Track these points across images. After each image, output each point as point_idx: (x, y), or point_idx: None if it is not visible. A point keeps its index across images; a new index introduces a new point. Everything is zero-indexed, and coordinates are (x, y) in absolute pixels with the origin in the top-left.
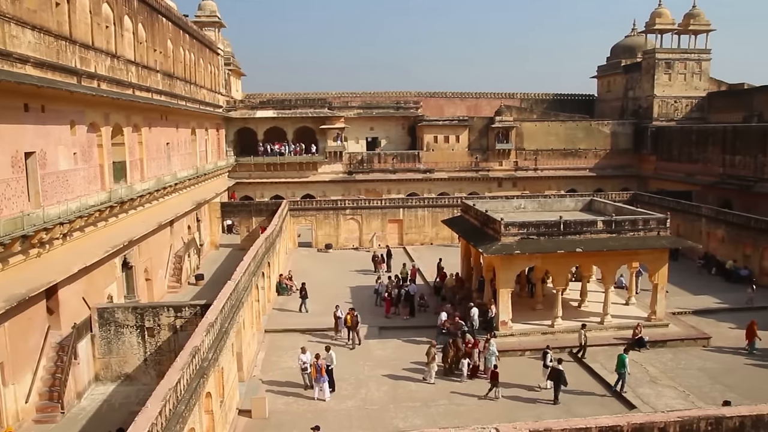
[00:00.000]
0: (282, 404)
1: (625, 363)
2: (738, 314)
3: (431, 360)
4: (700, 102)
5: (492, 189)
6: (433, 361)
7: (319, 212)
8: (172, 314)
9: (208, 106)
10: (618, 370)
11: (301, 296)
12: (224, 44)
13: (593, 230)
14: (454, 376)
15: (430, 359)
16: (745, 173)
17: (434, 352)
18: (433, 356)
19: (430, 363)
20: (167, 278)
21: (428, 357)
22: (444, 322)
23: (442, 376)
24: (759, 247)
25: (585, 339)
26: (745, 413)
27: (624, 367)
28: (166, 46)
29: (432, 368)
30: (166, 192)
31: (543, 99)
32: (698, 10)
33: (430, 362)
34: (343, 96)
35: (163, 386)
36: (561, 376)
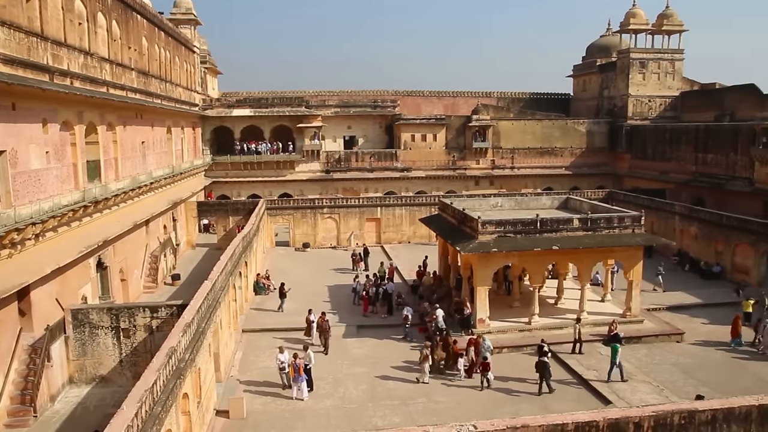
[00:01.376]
0: (260, 404)
1: (617, 352)
2: (710, 310)
3: (424, 360)
4: (673, 101)
5: (469, 187)
6: (426, 360)
7: (297, 211)
8: (148, 315)
9: (184, 105)
10: (612, 360)
11: (281, 295)
12: (200, 42)
13: (569, 228)
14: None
15: (422, 358)
16: (717, 171)
17: (427, 352)
18: (426, 356)
19: (423, 363)
20: (143, 278)
21: (421, 356)
22: (408, 318)
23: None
24: (730, 243)
25: (579, 334)
26: (717, 407)
27: (616, 357)
28: (141, 44)
29: (425, 368)
30: (142, 191)
31: (520, 98)
32: (671, 10)
33: (423, 362)
34: (320, 94)
35: (139, 388)
36: (547, 368)
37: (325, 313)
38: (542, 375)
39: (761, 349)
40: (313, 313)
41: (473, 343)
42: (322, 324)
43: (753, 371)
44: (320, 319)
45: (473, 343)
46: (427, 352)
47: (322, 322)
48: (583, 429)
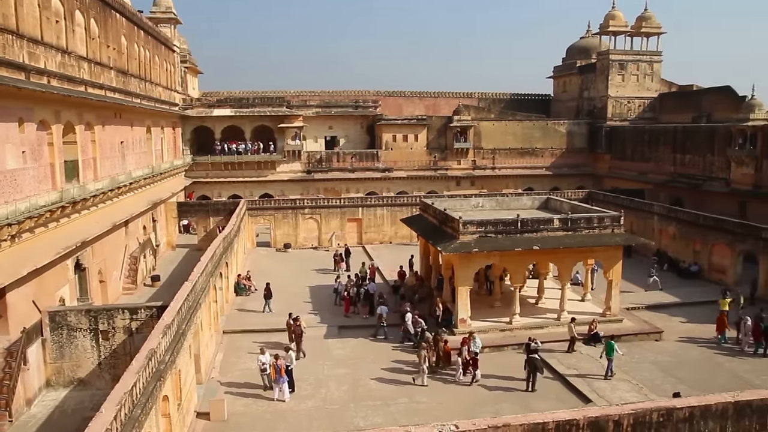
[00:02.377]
0: (241, 406)
1: (613, 349)
2: (688, 309)
3: (422, 361)
4: (652, 102)
5: (450, 188)
6: (424, 362)
7: (278, 211)
8: (127, 316)
9: (163, 104)
10: (608, 356)
11: (265, 296)
12: (180, 41)
13: (550, 228)
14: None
15: (421, 360)
16: (694, 172)
17: (424, 354)
18: (424, 358)
19: (422, 365)
20: (122, 280)
21: (419, 359)
22: (382, 317)
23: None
24: (708, 243)
25: (575, 333)
26: (695, 404)
27: (612, 353)
28: (120, 43)
29: (423, 370)
30: (121, 192)
31: (500, 98)
32: (650, 13)
33: (422, 363)
34: (301, 95)
35: (118, 390)
36: (537, 365)
37: (298, 318)
38: (532, 371)
39: (743, 346)
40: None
41: (466, 342)
42: (294, 329)
43: (729, 368)
44: (293, 324)
45: (466, 342)
46: (425, 353)
47: (294, 327)
48: (564, 427)
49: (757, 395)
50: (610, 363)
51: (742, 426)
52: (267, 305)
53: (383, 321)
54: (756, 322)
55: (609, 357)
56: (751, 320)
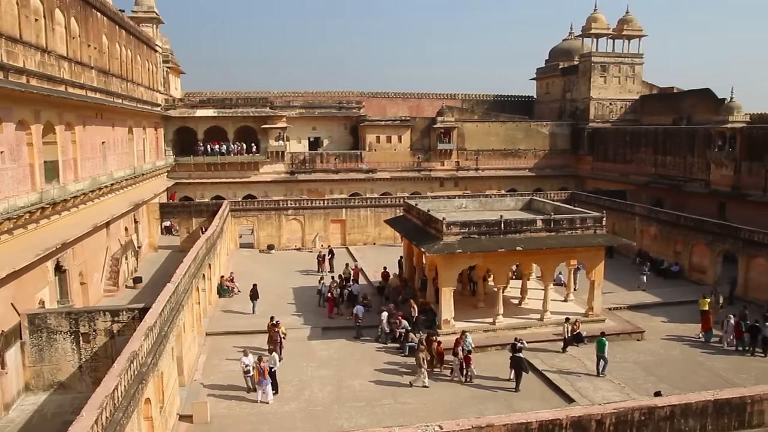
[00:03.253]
0: (224, 408)
1: (604, 346)
2: (669, 308)
3: (422, 364)
4: (633, 104)
5: (434, 189)
6: (423, 365)
7: (261, 213)
8: (108, 319)
9: (145, 105)
10: (599, 354)
11: (251, 297)
12: (162, 41)
13: (533, 229)
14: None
15: (420, 363)
16: (675, 173)
17: (423, 356)
18: (422, 360)
19: (421, 367)
20: (103, 282)
21: (418, 361)
22: (359, 318)
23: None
24: (688, 243)
25: (569, 333)
26: (675, 402)
27: (603, 350)
28: (101, 42)
29: (423, 372)
30: (102, 192)
31: (484, 100)
32: (631, 16)
33: (421, 366)
34: (285, 95)
35: (99, 394)
36: (522, 364)
37: (278, 323)
38: (518, 372)
39: (726, 344)
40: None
41: (459, 343)
42: (272, 335)
43: (709, 367)
44: (271, 330)
45: (459, 343)
46: (423, 355)
47: (272, 333)
48: (547, 427)
49: (735, 393)
50: (602, 360)
51: (721, 423)
52: (254, 306)
53: (360, 321)
54: (738, 322)
55: (600, 354)
56: (734, 319)
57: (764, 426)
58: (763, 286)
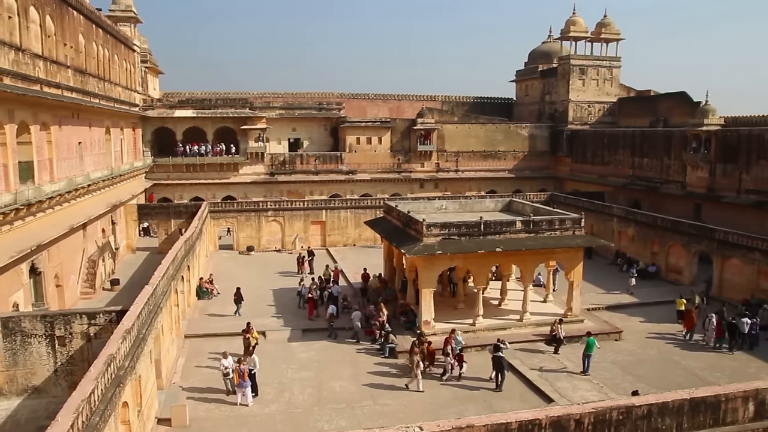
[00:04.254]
0: (203, 411)
1: (592, 346)
2: (647, 309)
3: (416, 366)
4: (611, 107)
5: (414, 190)
6: (417, 368)
7: (241, 214)
8: (85, 321)
9: (123, 105)
10: (586, 353)
11: (236, 300)
12: (140, 40)
13: (512, 230)
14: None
15: (415, 365)
16: (652, 175)
17: (417, 359)
18: (417, 363)
19: (416, 369)
20: (80, 284)
21: (413, 363)
22: (332, 317)
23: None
24: (665, 244)
25: (561, 333)
26: (653, 401)
27: (591, 350)
28: (78, 41)
29: (418, 376)
30: (78, 194)
31: (464, 102)
32: (609, 19)
33: (415, 369)
34: (264, 96)
35: (75, 398)
36: (503, 365)
37: (248, 329)
38: (499, 372)
39: (708, 342)
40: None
41: (449, 342)
42: (245, 341)
43: (685, 366)
44: (243, 335)
45: (449, 342)
46: (418, 358)
47: (244, 339)
48: (527, 427)
49: (710, 392)
50: (588, 359)
51: (696, 421)
52: (238, 309)
53: (333, 321)
54: (719, 320)
55: (588, 353)
56: (715, 318)
57: (738, 423)
58: (736, 287)
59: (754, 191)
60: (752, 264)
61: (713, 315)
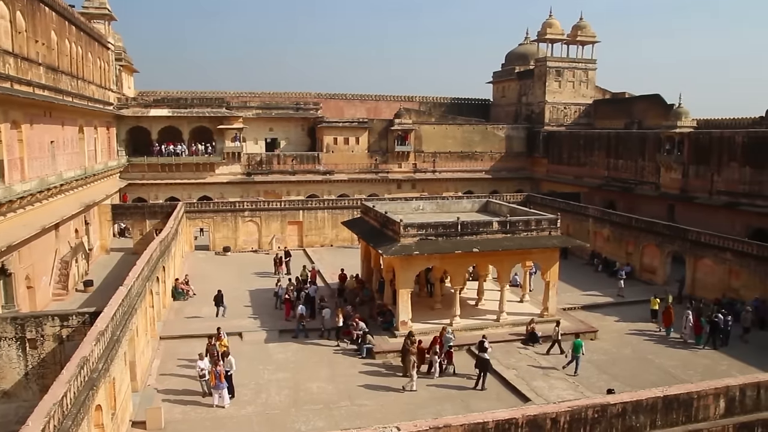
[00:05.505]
0: (179, 413)
1: (580, 347)
2: (621, 308)
3: (412, 367)
4: (587, 109)
5: (391, 191)
6: (413, 369)
7: (217, 214)
8: (57, 323)
9: (97, 103)
10: (575, 354)
11: (216, 303)
12: (115, 38)
13: (489, 231)
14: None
15: (411, 366)
16: (627, 176)
17: (412, 359)
18: (413, 363)
19: (412, 370)
20: (52, 285)
21: (409, 365)
22: (302, 317)
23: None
24: (639, 245)
25: (558, 335)
26: (627, 400)
27: (579, 350)
28: (50, 38)
29: (414, 376)
30: (51, 193)
31: (441, 102)
32: (585, 22)
33: (411, 369)
34: (241, 96)
35: (46, 401)
36: (487, 365)
37: (213, 337)
38: (483, 371)
39: (684, 338)
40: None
41: (437, 341)
42: (210, 350)
43: (659, 365)
44: (208, 344)
45: (437, 341)
46: (414, 358)
47: (209, 346)
48: (504, 426)
49: (683, 389)
50: (577, 360)
51: (669, 419)
52: (218, 311)
53: (303, 321)
54: (696, 318)
55: (576, 354)
56: (692, 315)
57: (709, 420)
58: (709, 286)
59: (725, 192)
60: (724, 264)
61: (690, 312)
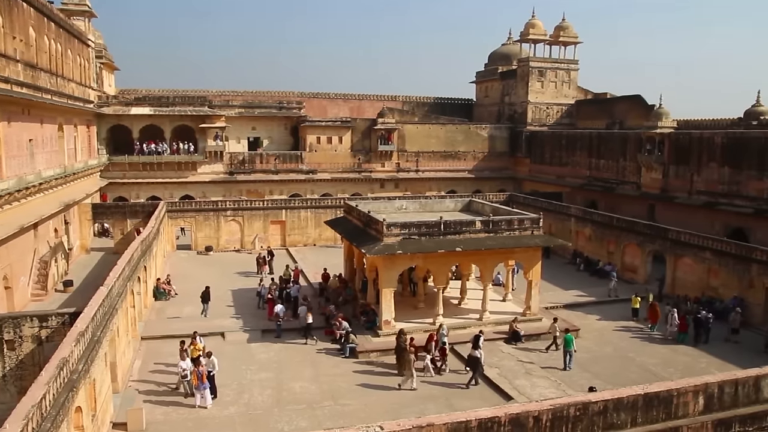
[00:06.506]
0: (160, 414)
1: (571, 342)
2: (603, 307)
3: (410, 367)
4: (569, 109)
5: (374, 190)
6: (411, 368)
7: (199, 213)
8: (36, 324)
9: (77, 101)
10: (566, 349)
11: (203, 300)
12: (95, 35)
13: (472, 230)
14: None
15: (410, 366)
16: (608, 176)
17: (412, 358)
18: (411, 363)
19: (410, 369)
20: (31, 285)
21: (408, 364)
22: (279, 317)
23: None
24: (621, 244)
25: (557, 332)
26: (608, 397)
27: (570, 346)
28: (28, 34)
29: (413, 375)
30: (29, 192)
31: (424, 102)
32: (567, 23)
33: (410, 369)
34: (224, 94)
35: (24, 404)
36: (478, 363)
37: (192, 340)
38: (474, 369)
39: (668, 336)
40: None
41: (432, 338)
42: (182, 354)
43: (640, 363)
44: (181, 346)
45: (432, 338)
46: (413, 357)
47: (182, 353)
48: (486, 425)
49: (663, 387)
50: (569, 355)
51: (650, 416)
52: (205, 308)
53: (280, 320)
54: (683, 316)
55: (567, 349)
56: (677, 313)
57: (689, 416)
58: (689, 284)
59: (704, 192)
60: (703, 263)
61: (674, 310)
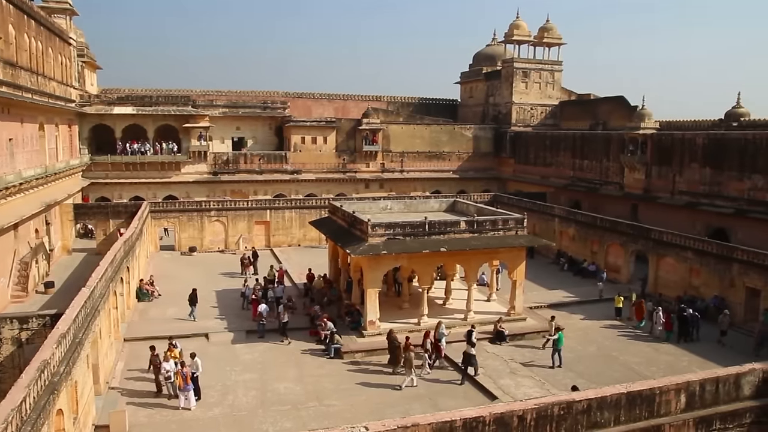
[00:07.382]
0: (144, 416)
1: (561, 340)
2: (586, 306)
3: (410, 365)
4: (553, 110)
5: (359, 190)
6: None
7: (183, 214)
8: (16, 326)
9: (58, 100)
10: (556, 347)
11: (190, 302)
12: (77, 34)
13: (456, 230)
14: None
15: (410, 364)
16: (592, 176)
17: (411, 356)
18: (411, 361)
19: (410, 368)
20: (11, 287)
21: (408, 363)
22: (262, 316)
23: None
24: (604, 244)
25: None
26: (592, 396)
27: (561, 343)
28: (8, 32)
29: (413, 372)
30: (9, 192)
31: (409, 102)
32: (551, 24)
33: (410, 367)
34: (208, 94)
35: (4, 407)
36: (472, 360)
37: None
38: (467, 366)
39: (654, 334)
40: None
41: (428, 336)
42: (153, 360)
43: (623, 362)
44: (152, 353)
45: (428, 336)
46: (412, 356)
47: (153, 358)
48: (471, 425)
49: (646, 386)
50: (559, 353)
51: (633, 414)
52: (192, 311)
53: (263, 320)
54: (667, 314)
55: (558, 347)
56: (662, 311)
57: (671, 414)
58: (671, 284)
59: (686, 192)
60: (685, 262)
61: (659, 308)
